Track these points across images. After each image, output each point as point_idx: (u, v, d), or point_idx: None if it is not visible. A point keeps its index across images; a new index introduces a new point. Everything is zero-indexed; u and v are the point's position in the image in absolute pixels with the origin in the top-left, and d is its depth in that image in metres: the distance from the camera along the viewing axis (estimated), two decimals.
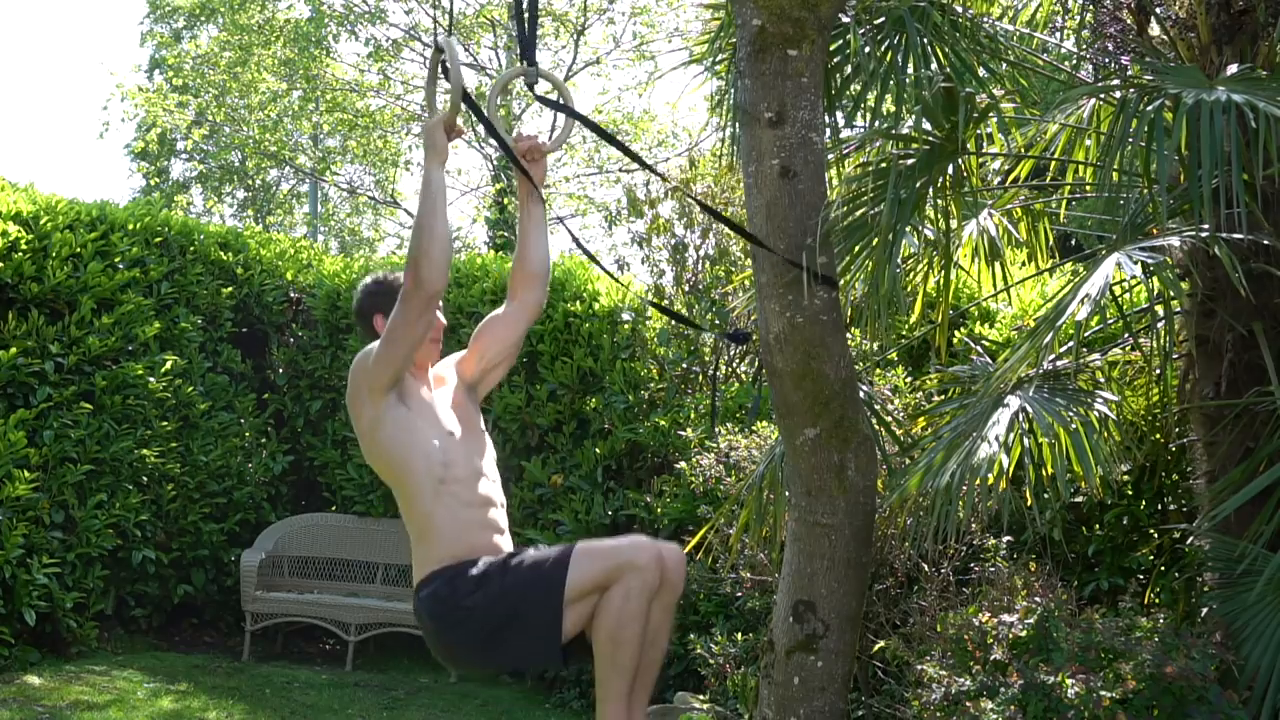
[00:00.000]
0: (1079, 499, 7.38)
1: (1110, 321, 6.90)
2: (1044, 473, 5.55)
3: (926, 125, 5.53)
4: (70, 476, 9.70)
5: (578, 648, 4.28)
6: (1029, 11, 7.26)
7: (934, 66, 6.01)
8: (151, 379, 10.33)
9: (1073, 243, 12.69)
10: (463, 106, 4.42)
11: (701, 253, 10.54)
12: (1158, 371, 6.88)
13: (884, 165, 5.43)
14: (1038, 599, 5.84)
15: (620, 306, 10.47)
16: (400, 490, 4.43)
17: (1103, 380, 6.49)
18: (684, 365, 10.25)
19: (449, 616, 4.29)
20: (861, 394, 5.64)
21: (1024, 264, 8.12)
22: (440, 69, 4.59)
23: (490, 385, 4.81)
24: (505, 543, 4.47)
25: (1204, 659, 5.15)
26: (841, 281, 5.71)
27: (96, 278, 10.06)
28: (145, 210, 10.87)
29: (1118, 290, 6.55)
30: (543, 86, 4.93)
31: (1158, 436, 6.94)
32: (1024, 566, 6.78)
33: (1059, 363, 5.94)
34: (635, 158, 5.48)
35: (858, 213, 5.51)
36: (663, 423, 9.76)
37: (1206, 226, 4.85)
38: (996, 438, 5.24)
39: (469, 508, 4.39)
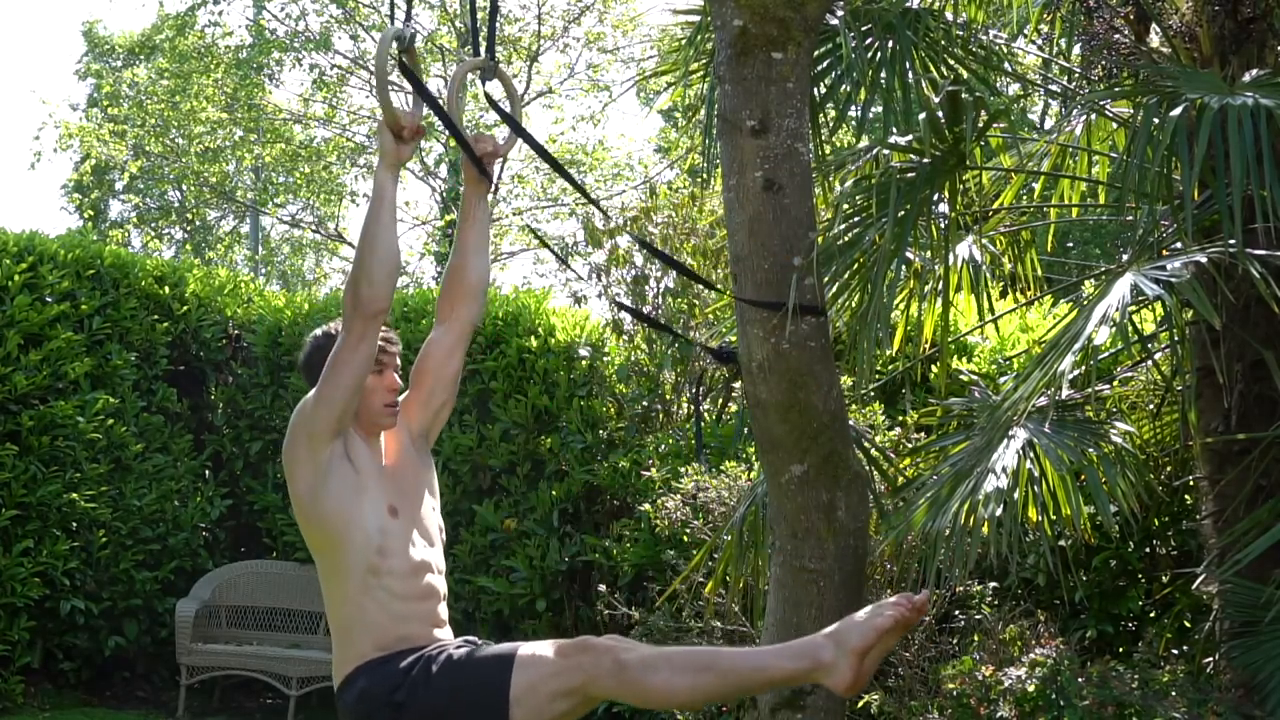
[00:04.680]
0: (1062, 543, 7.06)
1: (1103, 356, 6.57)
2: (1050, 511, 5.19)
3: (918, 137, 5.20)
4: None
5: None
6: (1018, 23, 6.98)
7: (931, 73, 5.69)
8: (81, 419, 10.03)
9: (1048, 278, 12.47)
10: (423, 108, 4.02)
11: (662, 285, 10.20)
12: (1151, 407, 6.57)
13: (882, 179, 5.05)
14: (1041, 650, 5.46)
15: (577, 342, 10.19)
16: (328, 570, 3.92)
17: (1115, 411, 6.16)
18: (644, 403, 9.91)
19: (377, 715, 3.78)
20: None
21: (1001, 297, 7.86)
22: (401, 71, 4.13)
23: (440, 426, 4.31)
24: (445, 635, 3.97)
25: (1231, 715, 4.76)
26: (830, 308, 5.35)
27: (24, 311, 9.83)
28: (77, 241, 10.62)
29: (1115, 316, 6.23)
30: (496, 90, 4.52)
31: (1151, 477, 6.61)
32: (1020, 614, 6.43)
33: (1063, 393, 5.58)
34: (573, 181, 5.07)
35: (848, 236, 5.13)
36: (623, 464, 9.43)
37: (1234, 242, 4.47)
38: (1004, 469, 4.86)
39: (403, 601, 3.87)
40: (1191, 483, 6.55)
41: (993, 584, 6.86)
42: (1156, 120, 4.65)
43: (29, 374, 9.76)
